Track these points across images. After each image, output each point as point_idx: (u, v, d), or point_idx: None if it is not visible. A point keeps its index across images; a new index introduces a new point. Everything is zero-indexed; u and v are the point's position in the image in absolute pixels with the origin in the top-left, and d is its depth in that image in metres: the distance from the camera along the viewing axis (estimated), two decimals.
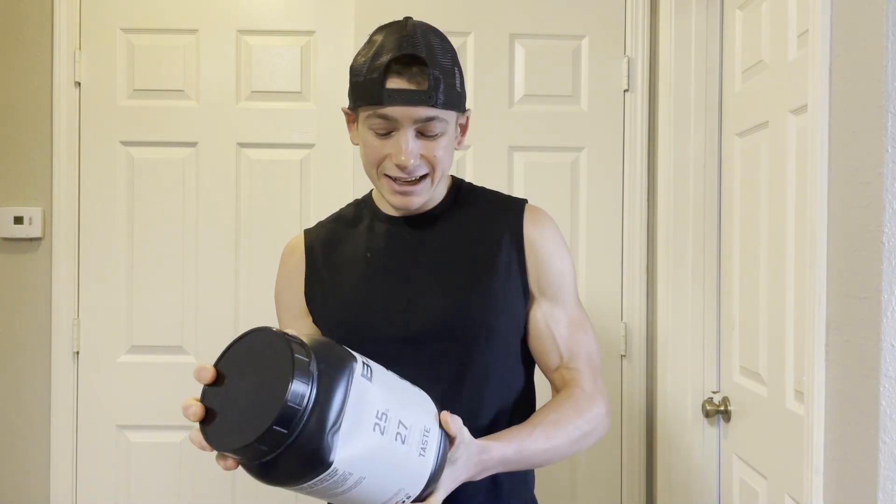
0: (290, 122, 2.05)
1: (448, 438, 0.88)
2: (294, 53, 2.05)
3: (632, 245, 2.02)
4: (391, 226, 1.17)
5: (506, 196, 1.22)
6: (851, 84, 1.04)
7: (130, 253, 2.04)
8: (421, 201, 1.11)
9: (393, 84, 1.03)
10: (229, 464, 0.77)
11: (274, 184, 2.04)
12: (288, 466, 0.75)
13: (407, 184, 1.08)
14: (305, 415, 0.74)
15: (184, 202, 2.04)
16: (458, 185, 1.21)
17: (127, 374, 2.04)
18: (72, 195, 2.02)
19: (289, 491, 2.00)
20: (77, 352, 2.03)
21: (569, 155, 2.04)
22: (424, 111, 1.04)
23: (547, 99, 2.03)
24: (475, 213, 1.17)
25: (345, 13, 2.03)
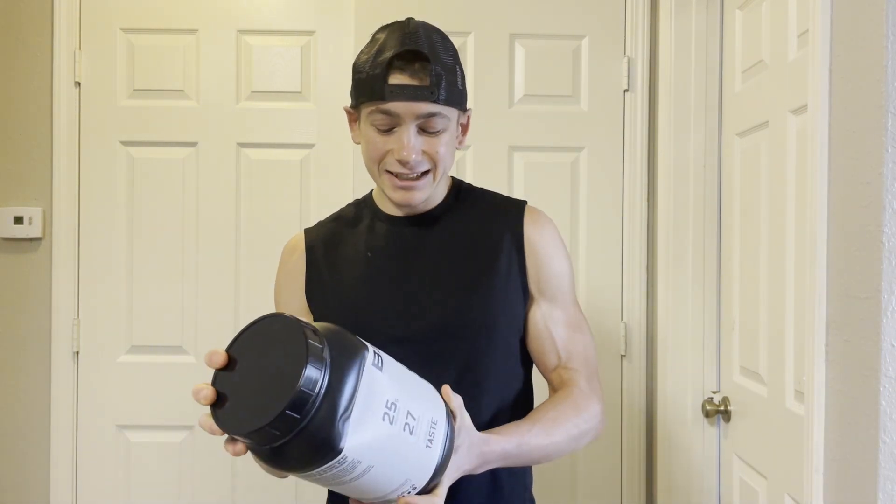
0: (290, 122, 2.05)
1: (453, 429, 0.89)
2: (294, 53, 2.05)
3: (632, 245, 2.02)
4: (392, 226, 1.17)
5: (505, 197, 1.22)
6: (851, 84, 1.04)
7: (130, 253, 2.04)
8: (422, 197, 1.11)
9: (395, 80, 1.04)
10: (238, 448, 0.77)
11: (274, 184, 2.04)
12: (298, 452, 0.75)
13: (408, 180, 1.08)
14: (317, 401, 0.73)
15: (184, 202, 2.04)
16: (459, 186, 1.22)
17: (127, 374, 2.04)
18: (72, 195, 2.02)
19: (289, 491, 2.01)
20: (77, 352, 2.03)
21: (569, 155, 2.04)
22: (426, 107, 1.05)
23: (547, 99, 2.03)
24: (475, 214, 1.18)
25: (345, 13, 2.03)
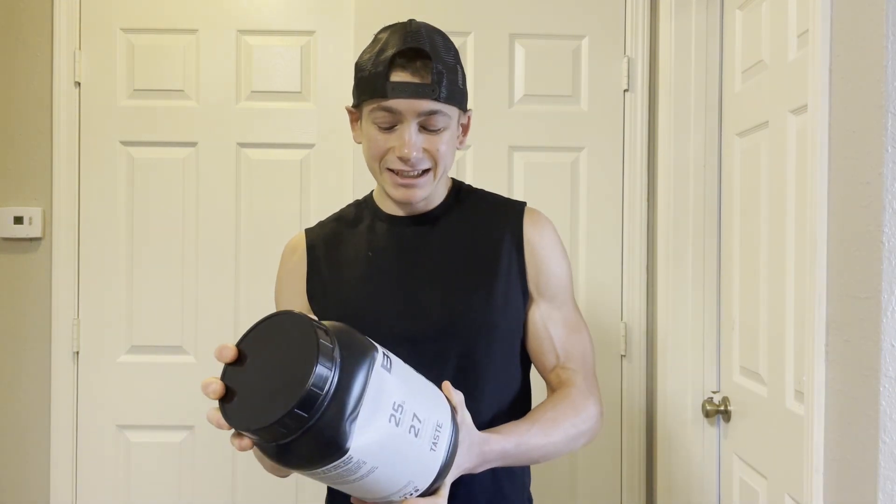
0: (290, 122, 2.05)
1: (457, 432, 0.89)
2: (294, 53, 2.05)
3: (632, 245, 2.02)
4: (392, 225, 1.18)
5: (505, 198, 1.23)
6: (851, 84, 1.04)
7: (130, 253, 2.04)
8: (423, 195, 1.12)
9: (397, 77, 1.04)
10: (245, 443, 0.77)
11: (274, 184, 2.04)
12: (304, 450, 0.76)
13: (409, 177, 1.09)
14: (326, 400, 0.74)
15: (184, 202, 2.04)
16: (459, 187, 1.22)
17: (127, 374, 2.04)
18: (72, 195, 2.02)
19: (289, 492, 2.01)
20: (77, 352, 2.03)
21: (569, 155, 2.04)
22: (427, 104, 1.05)
23: (547, 99, 2.03)
24: (476, 215, 1.18)
25: (345, 13, 2.03)
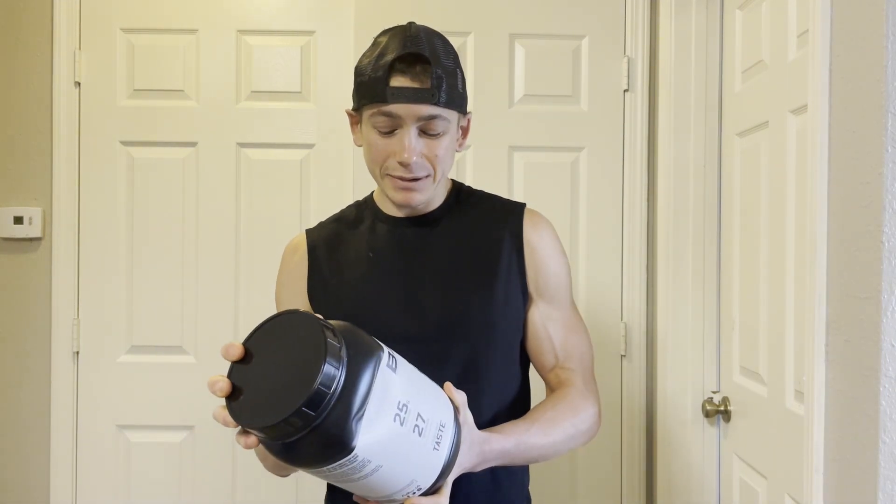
0: (290, 122, 2.05)
1: (460, 432, 0.90)
2: (294, 53, 2.05)
3: (632, 245, 2.02)
4: (393, 226, 1.18)
5: (505, 199, 1.24)
6: (851, 84, 1.04)
7: (130, 253, 2.04)
8: (423, 198, 1.12)
9: (397, 82, 1.05)
10: (251, 441, 0.78)
11: (274, 184, 2.04)
12: (310, 449, 0.76)
13: (409, 181, 1.09)
14: (333, 399, 0.75)
15: (184, 202, 2.04)
16: (459, 188, 1.23)
17: (127, 374, 2.04)
18: (72, 195, 2.02)
19: (289, 492, 2.01)
20: (77, 352, 2.03)
21: (569, 155, 2.04)
22: (427, 109, 1.05)
23: (547, 99, 2.03)
24: (476, 216, 1.19)
25: (345, 13, 2.03)
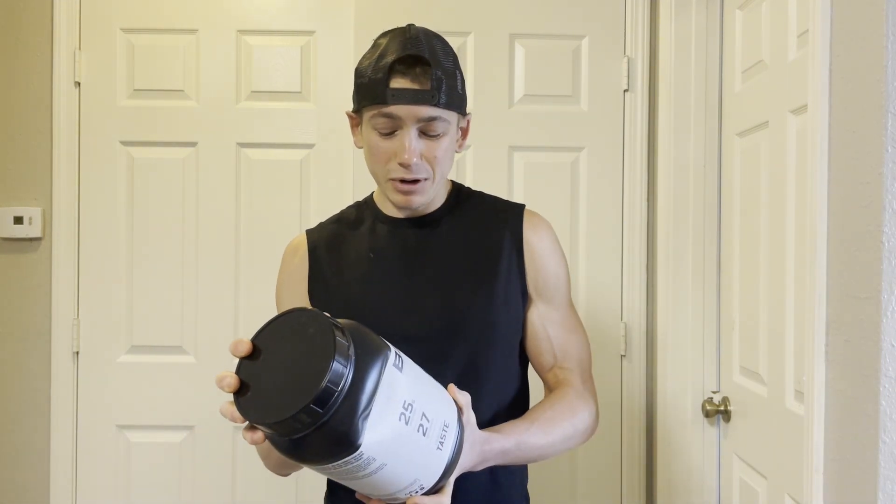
0: (290, 122, 2.05)
1: (463, 432, 0.91)
2: (294, 53, 2.05)
3: (632, 245, 2.02)
4: (393, 227, 1.19)
5: (505, 200, 1.25)
6: (851, 84, 1.04)
7: (130, 253, 2.04)
8: (423, 200, 1.13)
9: (397, 84, 1.05)
10: (258, 437, 0.78)
11: (274, 184, 2.04)
12: (317, 445, 0.77)
13: (409, 183, 1.10)
14: (341, 397, 0.75)
15: (184, 202, 2.04)
16: (458, 189, 1.24)
17: (127, 374, 2.04)
18: (72, 195, 2.02)
19: (289, 492, 2.01)
20: (77, 352, 2.03)
21: (569, 155, 2.04)
22: (427, 110, 1.06)
23: (547, 99, 2.03)
24: (475, 216, 1.20)
25: (345, 13, 2.03)
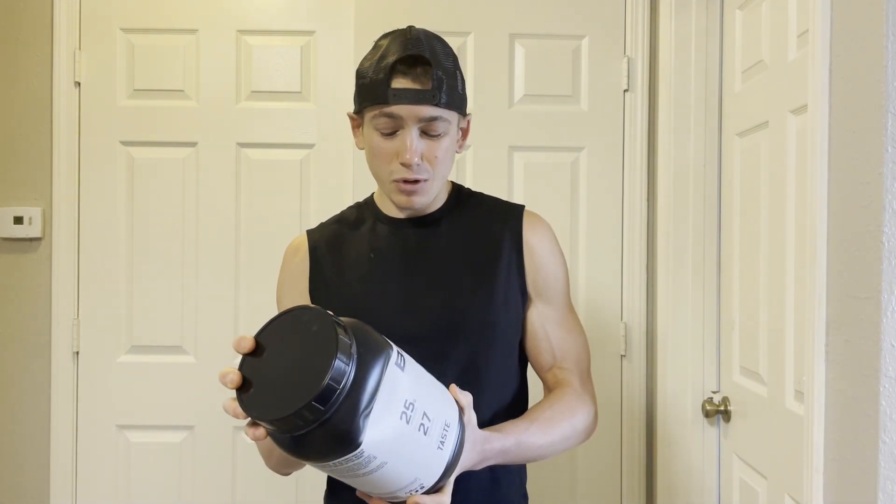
0: (290, 122, 2.05)
1: (464, 432, 0.91)
2: (294, 53, 2.05)
3: (632, 245, 2.02)
4: (394, 227, 1.19)
5: (504, 201, 1.25)
6: (851, 84, 1.04)
7: (130, 253, 2.04)
8: (425, 200, 1.13)
9: (398, 84, 1.06)
10: (259, 433, 0.79)
11: (274, 184, 2.04)
12: (318, 443, 0.77)
13: (411, 183, 1.10)
14: (343, 395, 0.76)
15: (184, 202, 2.04)
16: (459, 190, 1.24)
17: (127, 374, 2.04)
18: (72, 195, 2.02)
19: (289, 492, 2.01)
20: (77, 352, 2.03)
21: (569, 155, 2.04)
22: (428, 110, 1.07)
23: (547, 99, 2.03)
24: (475, 217, 1.20)
25: (345, 13, 2.03)
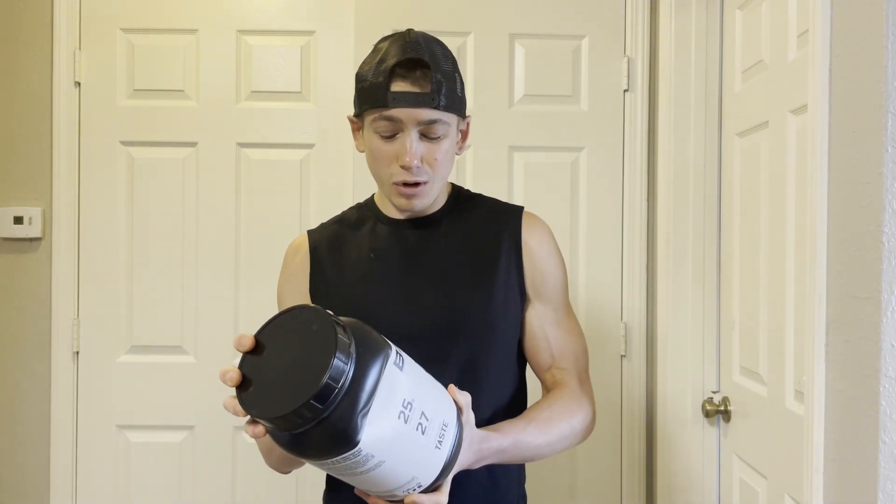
0: (290, 122, 2.05)
1: (461, 432, 0.91)
2: (294, 53, 2.05)
3: (632, 245, 2.02)
4: (394, 228, 1.20)
5: (503, 202, 1.26)
6: (851, 84, 1.04)
7: (130, 253, 2.04)
8: (425, 202, 1.14)
9: (397, 87, 1.07)
10: (258, 430, 0.80)
11: (274, 184, 2.04)
12: (317, 441, 0.78)
13: (411, 186, 1.11)
14: (341, 393, 0.77)
15: (184, 202, 2.04)
16: (458, 192, 1.25)
17: (127, 374, 2.04)
18: (72, 195, 2.02)
19: (289, 492, 2.01)
20: (77, 352, 2.03)
21: (569, 155, 2.04)
22: (427, 113, 1.07)
23: (547, 99, 2.03)
24: (475, 218, 1.21)
25: (345, 13, 2.02)
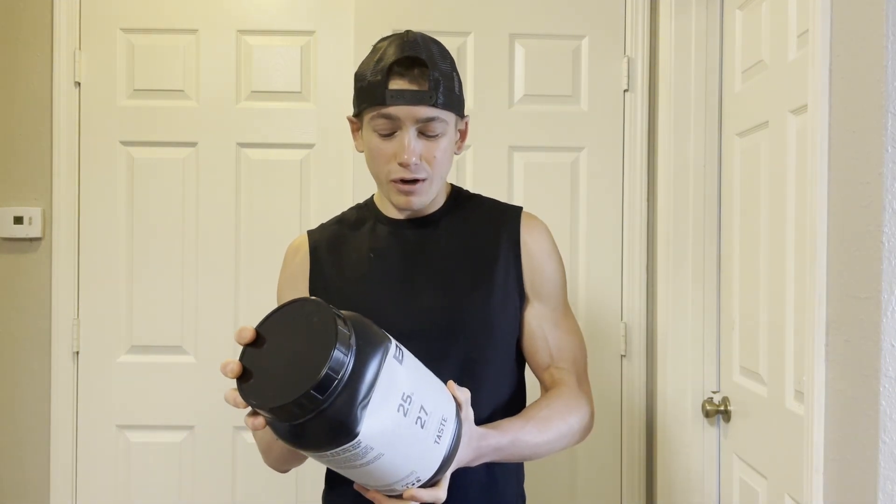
0: (290, 122, 2.05)
1: (461, 428, 0.92)
2: (294, 53, 2.05)
3: (632, 245, 2.02)
4: (394, 228, 1.20)
5: (502, 203, 1.26)
6: (851, 84, 1.04)
7: (130, 253, 2.04)
8: (423, 200, 1.14)
9: (395, 85, 1.07)
10: (259, 422, 0.80)
11: (274, 184, 2.04)
12: (316, 432, 0.78)
13: (409, 184, 1.11)
14: (341, 385, 0.77)
15: (184, 202, 2.04)
16: (457, 192, 1.26)
17: (127, 374, 2.04)
18: (72, 195, 2.02)
19: (289, 492, 2.01)
20: (77, 352, 2.03)
21: (569, 155, 2.04)
22: (425, 111, 1.08)
23: (547, 99, 2.03)
24: (474, 218, 1.21)
25: (345, 13, 2.02)
